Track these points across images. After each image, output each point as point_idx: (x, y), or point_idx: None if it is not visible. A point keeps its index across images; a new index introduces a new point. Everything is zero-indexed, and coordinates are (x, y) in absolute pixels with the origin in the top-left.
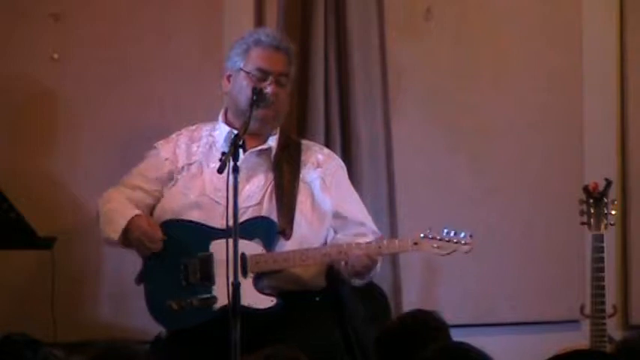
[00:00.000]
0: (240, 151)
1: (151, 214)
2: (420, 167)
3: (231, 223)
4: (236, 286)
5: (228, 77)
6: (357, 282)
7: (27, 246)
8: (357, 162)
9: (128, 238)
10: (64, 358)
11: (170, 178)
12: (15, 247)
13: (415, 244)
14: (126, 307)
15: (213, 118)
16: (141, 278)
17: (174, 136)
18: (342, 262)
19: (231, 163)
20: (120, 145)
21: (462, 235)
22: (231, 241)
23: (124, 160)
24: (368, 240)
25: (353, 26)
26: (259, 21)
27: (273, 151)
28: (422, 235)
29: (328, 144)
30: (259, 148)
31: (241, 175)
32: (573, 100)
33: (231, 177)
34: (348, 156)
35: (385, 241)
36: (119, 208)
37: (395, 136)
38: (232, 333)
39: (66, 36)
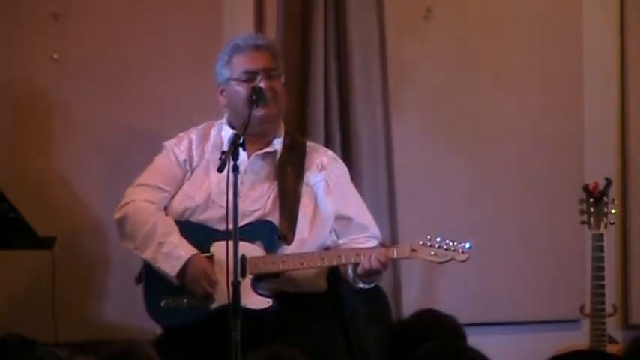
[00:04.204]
0: (244, 153)
1: None
2: (419, 167)
3: (230, 223)
4: (236, 287)
5: (222, 92)
6: (362, 285)
7: (27, 246)
8: (357, 161)
9: (183, 272)
10: (68, 357)
11: (186, 177)
12: (15, 247)
13: (413, 250)
14: (127, 307)
15: (212, 119)
16: (140, 278)
17: (182, 134)
18: (350, 266)
19: (231, 163)
20: (119, 145)
21: (461, 244)
22: (231, 242)
23: (123, 160)
24: (372, 246)
25: (353, 26)
26: (259, 21)
27: (278, 154)
28: (421, 242)
29: (328, 143)
30: (264, 151)
31: (246, 179)
32: (573, 100)
33: (231, 176)
34: (348, 155)
35: (383, 249)
36: (174, 240)
37: (395, 135)
38: (229, 332)
39: (66, 36)
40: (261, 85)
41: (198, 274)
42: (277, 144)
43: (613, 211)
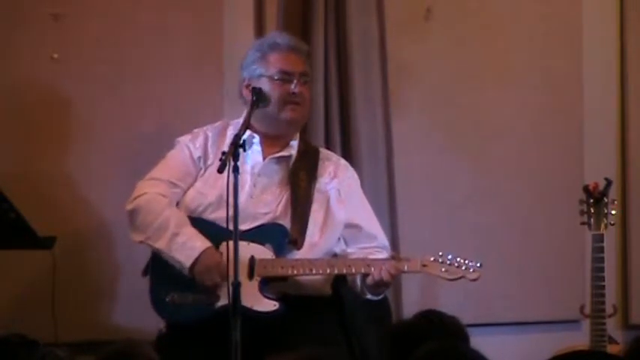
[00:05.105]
0: (260, 155)
1: None
2: (420, 167)
3: (232, 223)
4: (236, 287)
5: (247, 87)
6: (370, 297)
7: (27, 246)
8: (357, 161)
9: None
10: (68, 357)
11: (199, 174)
12: (15, 247)
13: (424, 265)
14: (126, 307)
15: (212, 119)
16: (147, 270)
17: (197, 130)
18: (359, 276)
19: (232, 163)
20: (119, 145)
21: (472, 263)
22: (237, 242)
23: (123, 160)
24: (380, 257)
25: (353, 26)
26: (259, 21)
27: (293, 159)
28: (432, 258)
29: (328, 143)
30: (280, 154)
31: (259, 181)
32: (573, 100)
33: (231, 177)
34: (348, 155)
35: (394, 261)
36: (188, 232)
37: (395, 135)
38: (231, 332)
39: (66, 36)
40: (296, 89)
41: (213, 265)
42: (294, 146)
43: (613, 212)
